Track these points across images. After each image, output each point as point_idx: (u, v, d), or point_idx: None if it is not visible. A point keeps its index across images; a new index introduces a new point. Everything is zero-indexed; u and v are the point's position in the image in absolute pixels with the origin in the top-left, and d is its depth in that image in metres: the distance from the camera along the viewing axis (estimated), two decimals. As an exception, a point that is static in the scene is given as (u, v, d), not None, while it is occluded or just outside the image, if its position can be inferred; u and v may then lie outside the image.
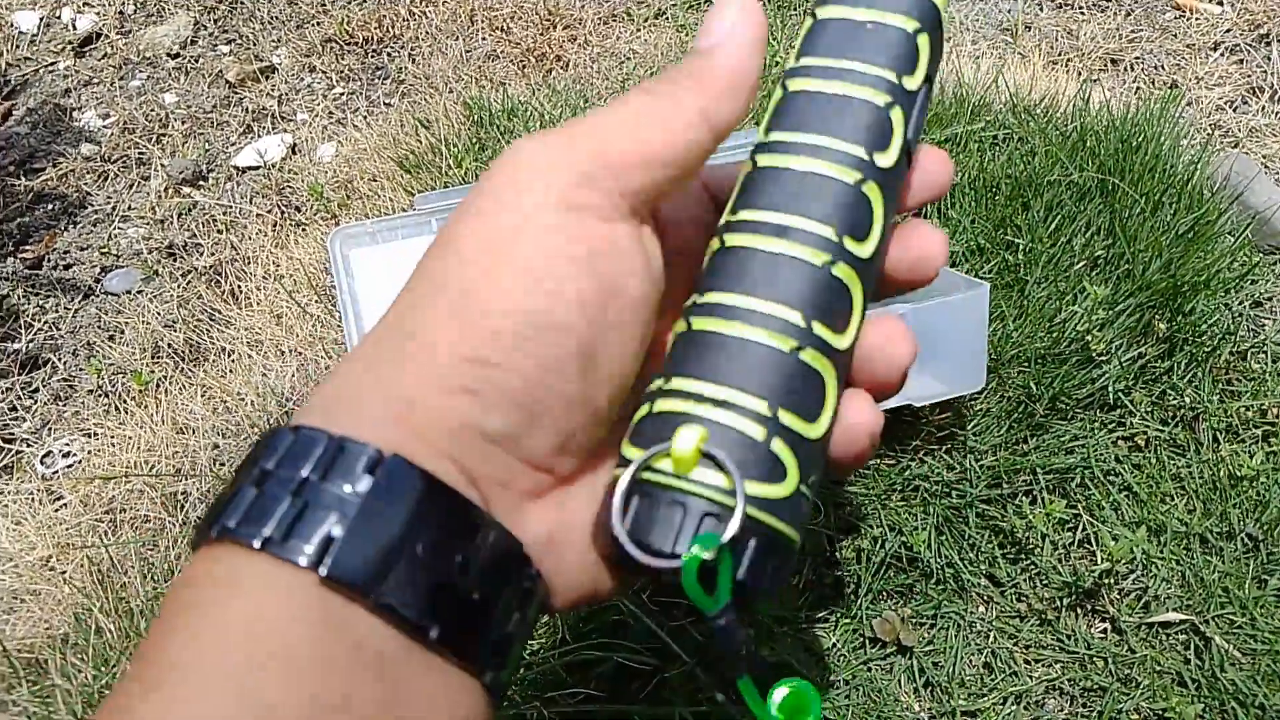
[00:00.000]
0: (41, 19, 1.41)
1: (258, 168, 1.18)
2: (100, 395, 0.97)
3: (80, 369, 1.00)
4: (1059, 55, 1.20)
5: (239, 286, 1.01)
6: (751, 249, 0.28)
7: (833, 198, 0.29)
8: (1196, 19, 1.22)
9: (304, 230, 1.06)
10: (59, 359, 1.01)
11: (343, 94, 1.28)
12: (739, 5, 0.30)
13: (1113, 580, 0.69)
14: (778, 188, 0.29)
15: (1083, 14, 1.27)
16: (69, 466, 0.91)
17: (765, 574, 0.26)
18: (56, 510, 0.84)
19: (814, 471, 0.28)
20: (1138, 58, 1.19)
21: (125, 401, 0.93)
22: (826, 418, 0.28)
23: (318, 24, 1.36)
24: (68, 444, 0.93)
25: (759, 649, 0.34)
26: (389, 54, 1.32)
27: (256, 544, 0.24)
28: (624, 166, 0.27)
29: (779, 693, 0.26)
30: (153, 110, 1.28)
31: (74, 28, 1.40)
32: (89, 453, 0.90)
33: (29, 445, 0.93)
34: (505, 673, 0.26)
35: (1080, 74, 1.17)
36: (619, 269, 0.27)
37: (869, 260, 0.29)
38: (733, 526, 0.25)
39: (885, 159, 0.29)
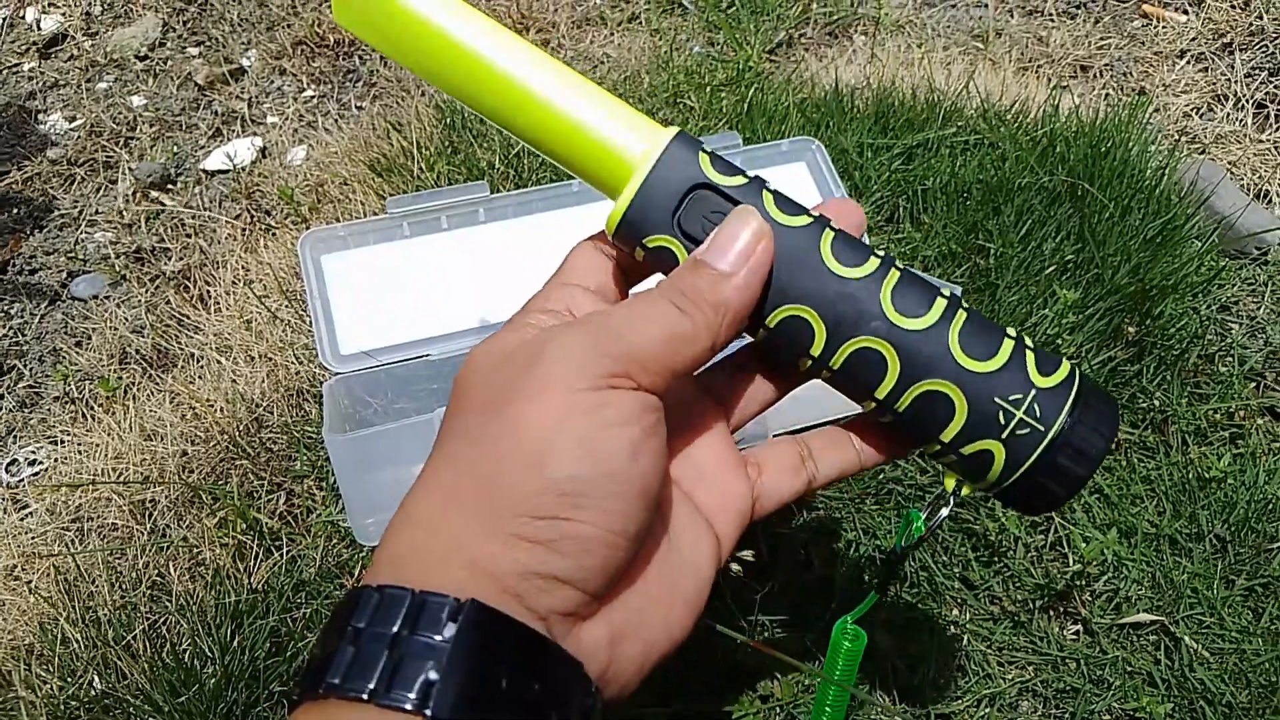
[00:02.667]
0: (4, 19, 1.39)
1: (227, 171, 1.17)
2: (67, 402, 0.95)
3: (46, 375, 0.99)
4: (1029, 61, 1.22)
5: (208, 291, 1.00)
6: None
7: None
8: (1163, 27, 1.24)
9: (274, 234, 1.05)
10: (24, 365, 1.00)
11: (313, 97, 1.27)
12: (755, 230, 0.35)
13: (1084, 582, 0.69)
14: None
15: (1052, 21, 1.28)
16: (35, 474, 0.89)
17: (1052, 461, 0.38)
18: (22, 519, 0.83)
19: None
20: (1106, 65, 1.20)
21: (92, 408, 0.91)
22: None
23: (288, 26, 1.35)
24: (34, 451, 0.91)
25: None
26: (360, 57, 1.31)
27: (364, 696, 0.27)
28: (650, 371, 0.33)
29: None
30: (120, 113, 1.26)
31: (39, 28, 1.38)
32: (55, 460, 0.88)
33: (-8, 453, 0.92)
34: None
35: (1050, 80, 1.18)
36: (652, 418, 0.33)
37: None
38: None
39: None
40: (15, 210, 1.14)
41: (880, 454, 0.42)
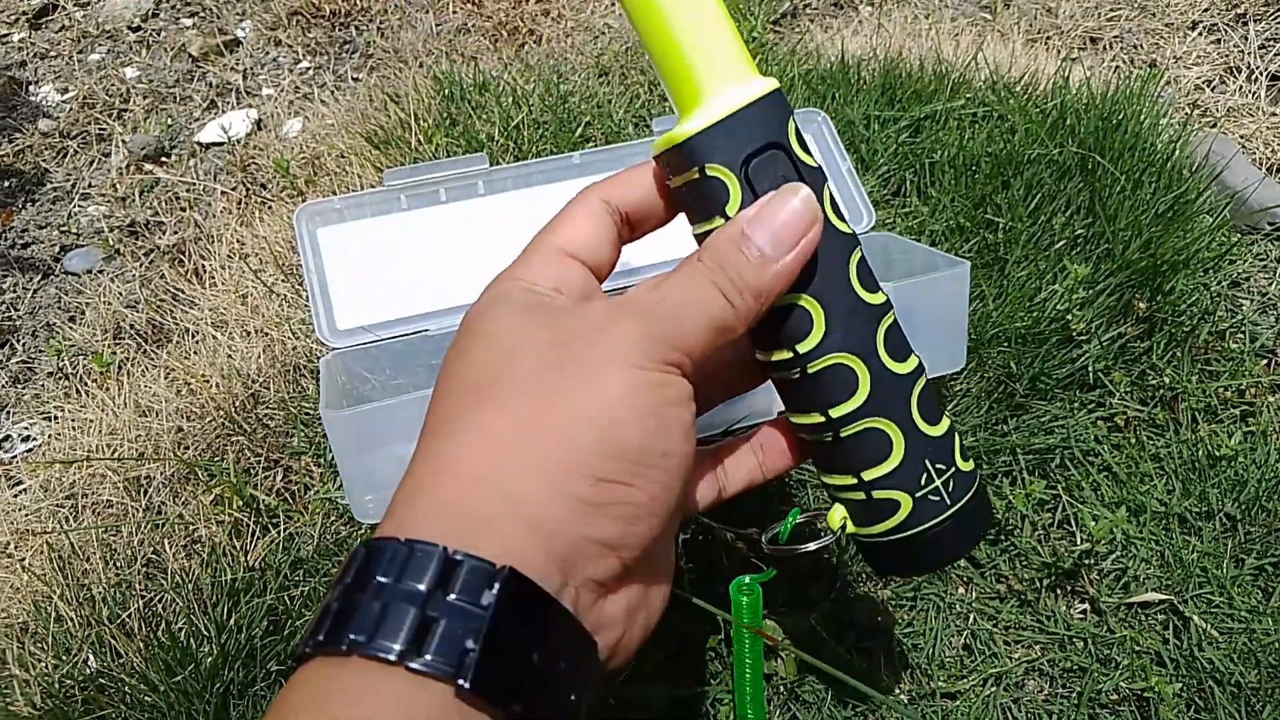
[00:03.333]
0: (-5, -11, 1.36)
1: (222, 144, 1.15)
2: (60, 377, 0.94)
3: (40, 350, 0.97)
4: (1038, 33, 1.20)
5: (203, 265, 0.99)
6: None
7: None
8: (1174, -3, 1.22)
9: (270, 208, 1.03)
10: (17, 340, 0.98)
11: (309, 68, 1.25)
12: (808, 212, 0.35)
13: (1092, 561, 0.68)
14: None
15: (1061, -9, 1.26)
16: (28, 450, 0.88)
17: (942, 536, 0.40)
18: (15, 496, 0.82)
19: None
20: (1116, 36, 1.18)
21: (86, 384, 0.90)
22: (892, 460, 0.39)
23: (284, -4, 1.33)
24: (27, 427, 0.90)
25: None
26: (357, 27, 1.28)
27: (392, 658, 0.26)
28: (694, 358, 0.34)
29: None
30: (113, 85, 1.24)
31: (30, -2, 1.35)
32: (49, 436, 0.87)
33: (-14, 429, 0.91)
34: None
35: (1060, 52, 1.16)
36: (693, 405, 0.35)
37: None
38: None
39: None
40: (7, 183, 1.13)
41: (787, 464, 0.44)
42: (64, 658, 0.65)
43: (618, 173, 0.39)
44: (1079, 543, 0.69)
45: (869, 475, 0.39)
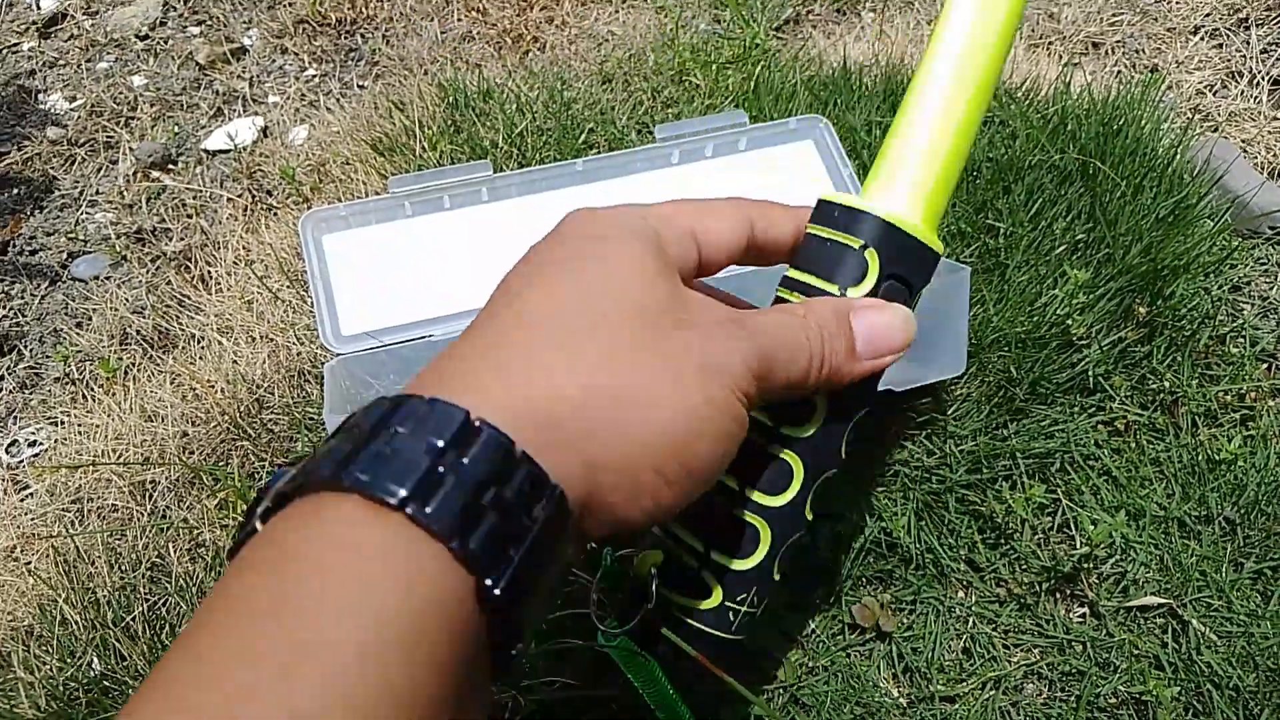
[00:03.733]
0: (5, -2, 1.37)
1: (228, 151, 1.16)
2: (67, 383, 0.95)
3: (47, 356, 0.98)
4: (1040, 38, 1.20)
5: (209, 272, 0.99)
6: None
7: None
8: (1176, 2, 1.22)
9: (276, 214, 1.04)
10: (25, 346, 0.99)
11: (315, 76, 1.26)
12: (901, 343, 0.38)
13: (1092, 564, 0.68)
14: None
15: (1063, -3, 1.26)
16: (35, 455, 0.89)
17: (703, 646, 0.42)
18: (22, 500, 0.83)
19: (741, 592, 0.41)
20: (1118, 41, 1.18)
21: (93, 389, 0.91)
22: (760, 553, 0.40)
23: (289, 5, 1.34)
24: (34, 432, 0.91)
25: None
26: (362, 35, 1.29)
27: (444, 534, 0.25)
28: (769, 391, 0.35)
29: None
30: (121, 93, 1.25)
31: (38, 7, 1.36)
32: (55, 441, 0.88)
33: (-6, 434, 0.91)
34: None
35: (1061, 57, 1.17)
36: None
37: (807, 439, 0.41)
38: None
39: None
40: (15, 190, 1.14)
41: None
42: (68, 660, 0.65)
43: (776, 202, 0.41)
44: (1078, 546, 0.69)
45: (717, 556, 0.40)
